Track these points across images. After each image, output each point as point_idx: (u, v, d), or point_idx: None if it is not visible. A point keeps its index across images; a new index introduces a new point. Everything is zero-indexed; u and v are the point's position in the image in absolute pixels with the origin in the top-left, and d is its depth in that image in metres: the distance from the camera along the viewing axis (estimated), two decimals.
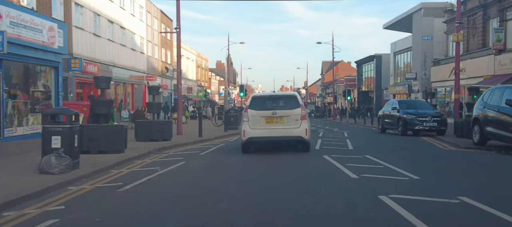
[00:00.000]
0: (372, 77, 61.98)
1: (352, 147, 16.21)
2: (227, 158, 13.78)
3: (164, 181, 9.57)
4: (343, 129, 31.35)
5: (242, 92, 42.93)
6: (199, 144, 19.07)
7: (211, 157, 14.18)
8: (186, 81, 60.19)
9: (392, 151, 15.03)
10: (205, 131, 25.23)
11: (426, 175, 9.72)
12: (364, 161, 12.05)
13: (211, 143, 19.19)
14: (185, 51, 60.48)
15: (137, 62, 41.29)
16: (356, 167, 10.67)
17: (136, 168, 11.65)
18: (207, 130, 26.62)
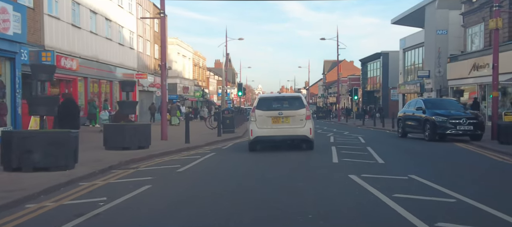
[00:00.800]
0: (378, 75, 57.87)
1: (381, 160, 12.05)
2: (214, 178, 9.70)
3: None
4: (354, 132, 27.22)
5: (240, 91, 38.84)
6: (184, 153, 14.92)
7: (192, 176, 10.05)
8: (182, 80, 56.17)
9: (443, 168, 10.88)
10: (195, 135, 21.16)
11: None
12: (417, 189, 7.93)
13: (198, 152, 15.06)
14: (181, 48, 56.41)
15: (126, 58, 37.15)
16: (413, 203, 6.55)
17: (68, 199, 7.46)
18: (198, 134, 22.51)
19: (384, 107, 53.99)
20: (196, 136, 21.26)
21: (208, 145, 17.67)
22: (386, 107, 53.82)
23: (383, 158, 12.42)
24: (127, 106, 15.45)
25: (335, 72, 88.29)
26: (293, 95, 16.36)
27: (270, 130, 14.35)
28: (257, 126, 14.44)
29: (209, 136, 21.41)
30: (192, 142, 17.57)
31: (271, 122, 14.29)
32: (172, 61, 53.42)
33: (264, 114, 14.37)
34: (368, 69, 61.34)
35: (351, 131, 27.78)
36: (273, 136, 14.46)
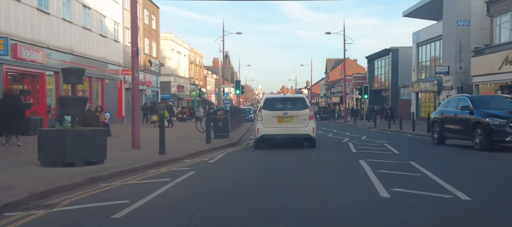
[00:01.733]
0: (386, 73, 53.14)
1: (463, 194, 7.19)
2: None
3: None
4: (372, 136, 22.53)
5: (238, 90, 34.22)
6: (151, 172, 10.16)
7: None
8: (176, 78, 51.48)
9: None
10: (179, 142, 16.57)
11: None
12: None
13: (171, 170, 10.36)
14: (176, 44, 51.71)
15: (110, 52, 32.41)
16: None
17: None
18: (183, 140, 17.88)
19: (395, 107, 49.39)
20: (180, 143, 16.58)
21: (190, 157, 12.92)
22: (396, 107, 49.17)
23: (457, 185, 7.63)
24: (71, 103, 10.69)
25: (338, 71, 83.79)
26: (297, 96, 17.06)
27: (276, 129, 14.87)
28: (263, 125, 14.92)
29: (196, 143, 16.69)
30: (170, 152, 12.88)
31: (276, 122, 14.84)
32: (166, 57, 48.74)
33: (270, 114, 14.89)
34: (375, 67, 56.61)
35: (369, 135, 23.04)
36: (278, 134, 15.00)
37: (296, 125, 14.75)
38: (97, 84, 30.59)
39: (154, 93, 43.45)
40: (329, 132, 27.12)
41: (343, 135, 23.70)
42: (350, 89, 66.98)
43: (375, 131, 29.52)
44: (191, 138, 18.84)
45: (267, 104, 15.30)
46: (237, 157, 13.39)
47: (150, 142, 15.62)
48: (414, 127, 26.36)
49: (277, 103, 15.63)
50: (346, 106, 48.24)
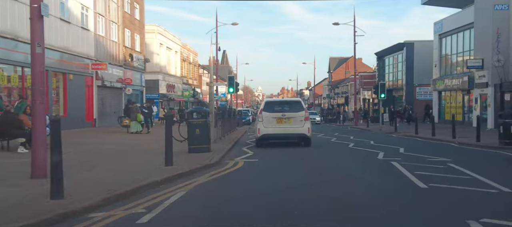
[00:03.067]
0: (399, 71, 46.70)
1: None
2: None
3: None
4: (410, 148, 16.05)
5: (232, 87, 27.82)
6: None
7: None
8: (165, 76, 45.13)
9: None
10: (124, 160, 10.33)
11: None
12: None
13: None
14: (165, 39, 45.36)
15: (75, 41, 26.03)
16: None
17: None
18: (135, 156, 11.59)
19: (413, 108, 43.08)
20: (122, 164, 10.26)
21: (112, 204, 6.47)
22: (414, 108, 42.82)
23: None
24: None
25: (342, 70, 77.45)
26: (294, 100, 19.48)
27: (275, 129, 15.74)
28: (263, 126, 15.80)
29: (150, 165, 10.24)
30: (78, 190, 6.58)
31: (276, 122, 15.75)
32: (153, 53, 42.37)
33: (269, 115, 15.85)
34: (386, 64, 50.16)
35: (404, 146, 16.57)
36: (277, 134, 15.86)
37: (293, 126, 15.66)
38: (56, 80, 24.23)
39: (138, 92, 37.08)
40: (344, 139, 20.73)
41: (369, 145, 17.32)
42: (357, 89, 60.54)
43: (401, 138, 23.19)
44: (155, 152, 12.48)
45: (267, 107, 16.41)
46: (207, 197, 7.05)
47: (85, 161, 9.33)
48: (455, 133, 19.99)
49: (276, 105, 16.67)
50: (356, 107, 41.81)
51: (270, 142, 16.41)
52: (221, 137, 18.66)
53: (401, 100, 48.15)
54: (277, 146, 16.21)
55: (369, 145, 17.19)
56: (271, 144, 16.46)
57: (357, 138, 22.17)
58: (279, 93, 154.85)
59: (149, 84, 41.40)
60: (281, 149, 15.32)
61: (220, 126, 19.57)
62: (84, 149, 13.76)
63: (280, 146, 16.18)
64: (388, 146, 16.71)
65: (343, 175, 9.50)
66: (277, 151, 14.79)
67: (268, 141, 16.25)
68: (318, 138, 22.43)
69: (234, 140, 19.54)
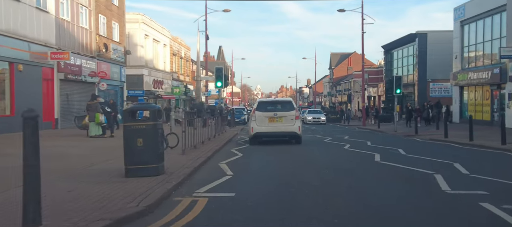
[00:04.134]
0: (410, 65, 41.56)
1: None
2: None
3: None
4: (477, 165, 10.82)
5: (220, 81, 22.75)
6: None
7: None
8: (152, 71, 39.98)
9: None
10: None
11: None
12: None
13: None
14: (151, 30, 40.20)
15: (28, 25, 20.86)
16: None
17: None
18: (68, 180, 6.23)
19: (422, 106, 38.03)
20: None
21: None
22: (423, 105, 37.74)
23: None
24: None
25: (344, 66, 72.15)
26: (285, 100, 19.17)
27: (267, 127, 16.07)
28: (256, 124, 16.09)
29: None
30: None
31: (268, 121, 16.05)
32: (137, 45, 37.21)
33: (262, 114, 16.14)
34: (394, 58, 44.97)
35: (450, 157, 11.36)
36: (269, 132, 16.24)
37: (284, 124, 15.99)
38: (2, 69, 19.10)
39: (116, 88, 31.95)
40: (362, 146, 15.57)
41: (407, 159, 12.15)
42: (360, 85, 55.40)
43: (433, 144, 18.10)
44: (88, 174, 7.37)
45: (260, 106, 16.83)
46: None
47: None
48: (505, 138, 14.88)
49: (269, 105, 17.26)
50: (364, 105, 36.61)
51: (262, 158, 12.97)
52: (196, 145, 13.53)
53: (412, 97, 43.02)
54: (272, 165, 11.07)
55: (405, 158, 12.04)
56: (262, 164, 11.30)
57: (376, 144, 17.02)
58: (278, 91, 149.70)
59: (132, 79, 36.23)
60: (279, 168, 10.21)
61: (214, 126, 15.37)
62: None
63: (275, 164, 11.07)
64: (434, 159, 11.46)
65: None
66: (271, 171, 9.65)
67: (261, 139, 16.44)
68: (328, 144, 17.32)
69: (217, 147, 14.45)
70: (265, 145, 16.07)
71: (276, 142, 16.41)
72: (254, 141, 16.31)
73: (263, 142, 16.47)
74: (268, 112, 16.22)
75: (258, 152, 13.69)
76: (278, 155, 12.64)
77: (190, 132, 13.04)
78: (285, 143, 16.48)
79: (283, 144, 16.12)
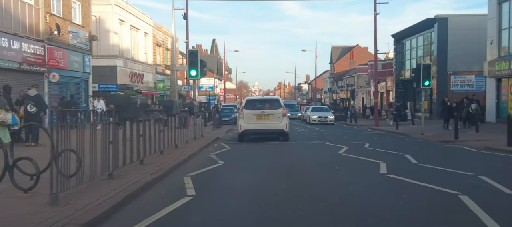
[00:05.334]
0: (426, 55, 35.39)
1: None
2: None
3: None
4: None
5: (194, 69, 16.56)
6: None
7: None
8: (128, 62, 33.89)
9: None
10: None
11: None
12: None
13: None
14: (129, 15, 34.08)
15: None
16: None
17: None
18: None
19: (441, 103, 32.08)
20: None
21: None
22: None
23: None
24: None
25: (346, 61, 65.72)
26: (273, 98, 18.29)
27: (255, 125, 15.93)
28: (244, 122, 16.00)
29: None
30: None
31: (256, 119, 15.90)
32: (109, 31, 31.08)
33: (250, 112, 15.98)
34: (406, 48, 38.76)
35: None
36: (257, 129, 16.07)
37: (272, 122, 15.85)
38: None
39: (79, 80, 25.78)
40: (423, 176, 9.43)
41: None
42: (365, 80, 49.26)
43: (494, 156, 11.94)
44: None
45: (248, 104, 16.61)
46: None
47: None
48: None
49: (257, 103, 16.75)
50: (377, 102, 30.37)
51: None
52: (117, 172, 7.36)
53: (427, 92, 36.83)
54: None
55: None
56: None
57: (420, 160, 10.80)
58: (276, 88, 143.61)
59: (102, 71, 30.18)
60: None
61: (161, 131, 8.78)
62: None
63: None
64: None
65: None
66: None
67: (249, 137, 16.31)
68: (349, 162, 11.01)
69: (159, 170, 8.32)
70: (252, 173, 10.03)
71: (267, 169, 10.39)
72: (242, 138, 16.25)
73: (250, 170, 10.41)
74: (256, 110, 16.03)
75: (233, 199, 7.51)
76: (271, 210, 6.38)
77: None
78: (284, 170, 10.43)
79: (282, 177, 10.07)
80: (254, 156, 11.79)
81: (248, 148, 14.02)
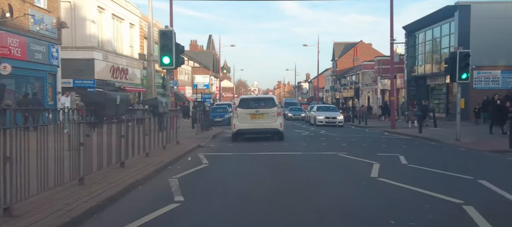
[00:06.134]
0: (443, 48, 31.13)
1: None
2: None
3: None
4: None
5: (167, 56, 12.30)
6: None
7: None
8: (109, 55, 29.75)
9: None
10: None
11: None
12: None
13: None
14: (111, 2, 29.84)
15: None
16: None
17: None
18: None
19: (471, 101, 27.87)
20: None
21: None
22: (466, 102, 27.64)
23: None
24: None
25: (349, 58, 61.31)
26: (268, 97, 18.69)
27: (249, 124, 15.46)
28: (238, 121, 15.51)
29: None
30: None
31: (250, 118, 15.45)
32: (86, 19, 26.86)
33: (244, 111, 15.53)
34: (420, 41, 34.45)
35: None
36: (251, 129, 15.58)
37: (266, 121, 15.42)
38: None
39: (43, 74, 21.50)
40: None
41: None
42: (371, 78, 44.99)
43: None
44: None
45: (242, 103, 16.09)
46: None
47: None
48: None
49: (251, 102, 16.34)
50: (394, 100, 26.00)
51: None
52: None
53: (442, 90, 32.69)
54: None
55: None
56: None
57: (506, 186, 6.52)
58: (275, 87, 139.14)
59: (77, 64, 26.12)
60: None
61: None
62: None
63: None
64: None
65: None
66: None
67: (243, 136, 15.77)
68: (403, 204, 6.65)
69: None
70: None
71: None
72: (236, 137, 15.76)
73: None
74: (250, 109, 15.66)
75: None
76: None
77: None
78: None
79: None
80: (242, 183, 7.47)
81: (235, 165, 9.74)
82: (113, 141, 7.92)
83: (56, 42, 22.48)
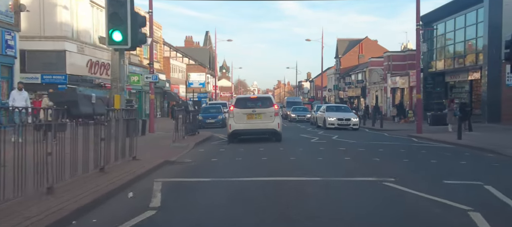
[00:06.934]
0: (467, 40, 26.83)
1: None
2: None
3: None
4: None
5: (117, 30, 8.07)
6: None
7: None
8: (86, 47, 25.56)
9: None
10: None
11: None
12: None
13: None
14: None
15: None
16: None
17: None
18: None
19: (492, 102, 24.02)
20: None
21: None
22: (497, 102, 23.61)
23: None
24: None
25: (354, 55, 56.81)
26: (265, 96, 17.95)
27: (246, 125, 14.74)
28: (234, 122, 14.76)
29: None
30: None
31: (246, 118, 14.72)
32: (57, 5, 22.65)
33: (240, 111, 14.78)
34: (439, 34, 30.10)
35: None
36: (248, 129, 14.86)
37: (263, 121, 14.78)
38: None
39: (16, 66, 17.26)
40: None
41: None
42: (379, 75, 40.69)
43: None
44: None
45: (238, 103, 15.39)
46: None
47: None
48: None
49: (247, 102, 15.67)
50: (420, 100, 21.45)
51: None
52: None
53: (464, 87, 28.46)
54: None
55: None
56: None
57: None
58: (275, 87, 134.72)
59: (46, 57, 22.14)
60: None
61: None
62: None
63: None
64: None
65: None
66: None
67: (239, 137, 15.00)
68: None
69: None
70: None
71: None
72: (232, 138, 14.86)
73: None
74: (247, 109, 14.82)
75: None
76: None
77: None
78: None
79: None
80: None
81: (208, 212, 5.43)
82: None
83: (12, 28, 18.27)
